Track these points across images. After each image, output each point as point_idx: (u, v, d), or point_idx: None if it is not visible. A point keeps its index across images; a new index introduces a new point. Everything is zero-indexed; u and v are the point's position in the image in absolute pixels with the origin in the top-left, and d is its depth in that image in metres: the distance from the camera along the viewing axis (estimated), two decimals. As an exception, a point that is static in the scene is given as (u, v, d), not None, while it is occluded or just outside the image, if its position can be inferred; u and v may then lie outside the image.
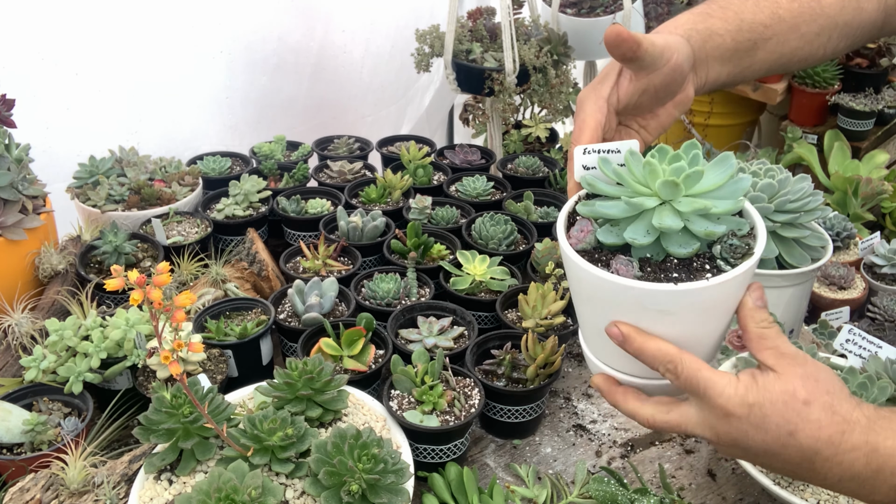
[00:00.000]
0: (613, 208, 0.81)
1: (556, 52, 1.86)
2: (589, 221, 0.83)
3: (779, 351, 0.76)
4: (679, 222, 0.78)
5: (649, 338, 0.77)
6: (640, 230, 0.79)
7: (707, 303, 0.78)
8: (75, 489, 1.01)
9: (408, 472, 0.98)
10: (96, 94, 1.94)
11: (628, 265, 0.78)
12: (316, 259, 1.52)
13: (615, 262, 0.79)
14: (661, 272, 0.78)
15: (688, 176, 0.78)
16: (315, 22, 2.28)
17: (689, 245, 0.78)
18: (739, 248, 0.79)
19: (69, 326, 1.22)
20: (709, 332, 0.83)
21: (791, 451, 0.74)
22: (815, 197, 1.27)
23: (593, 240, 0.82)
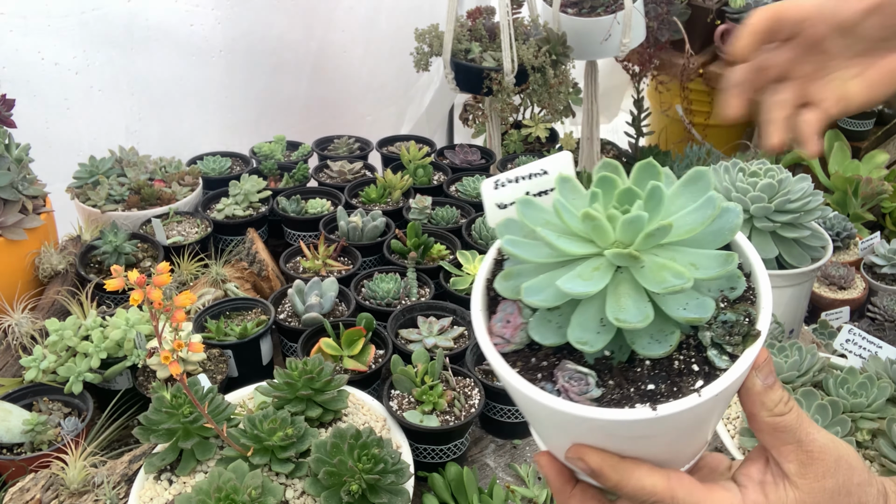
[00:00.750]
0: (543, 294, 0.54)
1: (554, 51, 1.86)
2: (516, 306, 0.58)
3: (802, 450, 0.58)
4: (647, 310, 0.53)
5: (629, 471, 0.56)
6: (590, 325, 0.54)
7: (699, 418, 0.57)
8: (75, 489, 1.01)
9: (408, 472, 0.98)
10: (96, 93, 1.94)
11: (580, 381, 0.54)
12: (316, 259, 1.52)
13: (561, 374, 0.54)
14: (629, 384, 0.54)
15: (650, 235, 0.53)
16: (314, 21, 2.28)
17: (664, 339, 0.54)
18: (737, 325, 0.54)
19: (69, 326, 1.21)
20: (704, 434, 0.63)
21: None
22: (815, 197, 1.27)
23: (526, 337, 0.57)
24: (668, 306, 0.53)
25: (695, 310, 0.53)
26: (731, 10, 2.41)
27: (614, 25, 1.86)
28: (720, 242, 0.56)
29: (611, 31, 1.87)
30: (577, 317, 0.54)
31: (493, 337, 0.57)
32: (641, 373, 0.54)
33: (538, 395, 0.53)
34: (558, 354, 0.56)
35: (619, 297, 0.53)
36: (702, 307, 0.53)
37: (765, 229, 1.26)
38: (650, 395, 0.52)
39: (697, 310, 0.53)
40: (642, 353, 0.54)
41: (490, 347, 0.56)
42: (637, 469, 0.56)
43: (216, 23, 2.08)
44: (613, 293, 0.54)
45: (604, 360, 0.55)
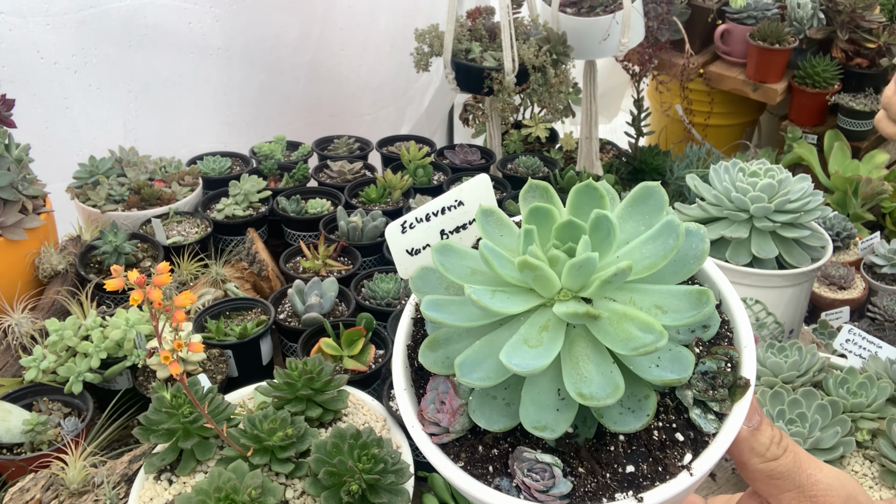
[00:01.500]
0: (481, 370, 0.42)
1: (555, 51, 1.86)
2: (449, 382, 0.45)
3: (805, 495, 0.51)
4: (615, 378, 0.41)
5: None
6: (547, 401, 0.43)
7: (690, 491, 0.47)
8: (75, 489, 1.01)
9: (408, 472, 0.98)
10: (95, 91, 1.94)
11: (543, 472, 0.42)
12: (316, 259, 1.52)
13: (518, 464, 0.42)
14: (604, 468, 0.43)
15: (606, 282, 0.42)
16: (313, 20, 2.28)
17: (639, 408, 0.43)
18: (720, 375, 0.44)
19: (69, 326, 1.21)
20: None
21: None
22: (815, 197, 1.27)
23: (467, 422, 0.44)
24: (637, 367, 0.43)
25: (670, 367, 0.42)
26: (731, 10, 2.42)
27: (613, 25, 1.86)
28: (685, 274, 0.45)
29: (609, 31, 1.87)
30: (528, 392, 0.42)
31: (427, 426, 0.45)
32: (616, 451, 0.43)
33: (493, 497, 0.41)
34: (510, 438, 0.44)
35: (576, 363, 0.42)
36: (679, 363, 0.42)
37: (765, 229, 1.26)
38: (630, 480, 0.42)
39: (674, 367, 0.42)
40: (614, 429, 0.42)
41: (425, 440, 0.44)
42: None
43: (214, 21, 2.08)
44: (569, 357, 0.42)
45: (567, 440, 0.43)
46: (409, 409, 0.46)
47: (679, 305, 0.43)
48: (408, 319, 0.49)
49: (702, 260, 0.45)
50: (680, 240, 0.43)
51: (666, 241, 0.43)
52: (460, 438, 0.44)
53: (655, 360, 0.43)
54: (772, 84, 2.42)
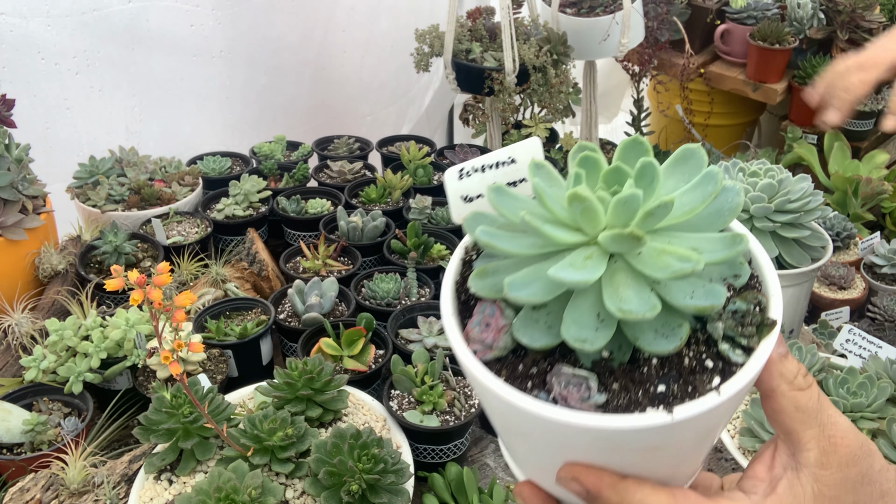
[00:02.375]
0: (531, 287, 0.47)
1: (555, 51, 1.86)
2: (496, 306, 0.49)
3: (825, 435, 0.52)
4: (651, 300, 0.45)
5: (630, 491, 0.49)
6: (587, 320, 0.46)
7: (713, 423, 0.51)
8: (75, 489, 1.01)
9: (408, 472, 0.98)
10: (96, 93, 1.94)
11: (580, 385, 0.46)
12: (316, 259, 1.52)
13: (556, 378, 0.46)
14: (637, 386, 0.46)
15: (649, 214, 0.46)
16: (314, 22, 2.28)
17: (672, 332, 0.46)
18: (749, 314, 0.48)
19: (69, 326, 1.21)
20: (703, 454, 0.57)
21: None
22: (815, 197, 1.27)
23: (510, 341, 0.48)
24: (673, 295, 0.46)
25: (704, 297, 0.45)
26: (732, 10, 2.42)
27: (613, 25, 1.86)
28: (719, 225, 0.49)
29: (609, 32, 1.87)
30: (570, 312, 0.46)
31: (472, 343, 0.48)
32: (648, 373, 0.46)
33: (532, 405, 0.44)
34: (549, 359, 0.48)
35: (616, 288, 0.46)
36: (712, 294, 0.45)
37: (765, 229, 1.26)
38: (662, 397, 0.45)
39: (707, 297, 0.45)
40: (648, 350, 0.46)
41: (468, 355, 0.47)
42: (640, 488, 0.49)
43: (216, 23, 2.08)
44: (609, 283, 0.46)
45: (602, 363, 0.47)
46: (455, 331, 0.49)
47: (714, 247, 0.47)
48: (457, 260, 0.53)
49: (736, 212, 0.49)
50: (718, 185, 0.48)
51: (705, 187, 0.48)
52: (501, 358, 0.48)
53: (690, 291, 0.46)
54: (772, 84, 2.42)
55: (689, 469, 0.55)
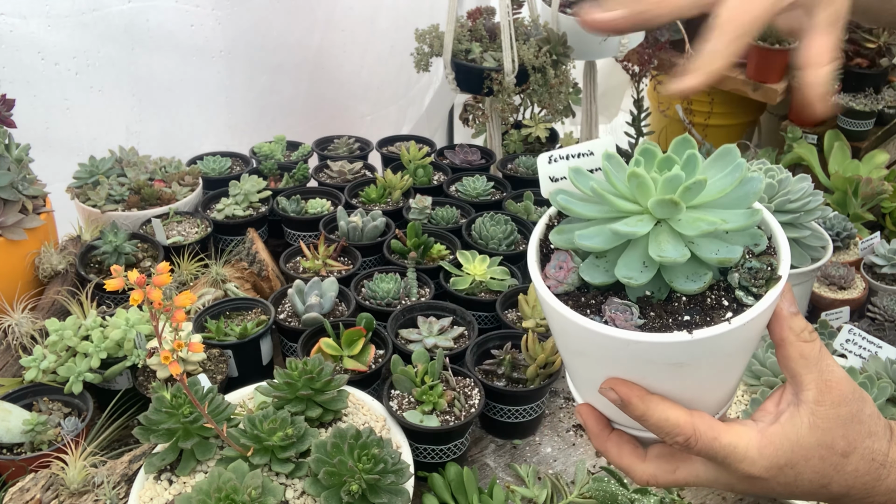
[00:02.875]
0: (596, 238, 0.63)
1: (555, 52, 1.86)
2: (567, 254, 0.67)
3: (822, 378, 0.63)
4: (683, 251, 0.61)
5: (654, 403, 0.63)
6: (635, 265, 0.63)
7: (729, 348, 0.64)
8: (75, 489, 1.01)
9: (408, 472, 0.98)
10: (96, 94, 1.94)
11: (626, 311, 0.62)
12: (316, 259, 1.52)
13: (608, 307, 0.63)
14: (668, 315, 0.62)
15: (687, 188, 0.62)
16: (314, 21, 2.28)
17: (699, 278, 0.63)
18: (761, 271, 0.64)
19: (69, 326, 1.21)
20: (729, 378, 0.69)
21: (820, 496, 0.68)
22: (815, 197, 1.27)
23: (576, 279, 0.65)
24: (701, 250, 0.62)
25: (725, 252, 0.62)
26: (731, 10, 2.41)
27: (614, 25, 1.86)
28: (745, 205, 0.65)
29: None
30: (623, 259, 0.63)
31: (547, 280, 0.66)
32: (678, 307, 0.62)
33: (588, 323, 0.61)
34: (605, 294, 0.64)
35: (659, 242, 0.62)
36: (731, 251, 0.62)
37: (765, 229, 1.26)
38: (686, 323, 0.61)
39: (727, 252, 0.62)
40: (679, 290, 0.62)
41: (545, 288, 0.65)
42: (662, 402, 0.63)
43: (216, 23, 2.08)
44: (654, 239, 0.63)
45: (645, 299, 0.63)
46: (536, 272, 0.66)
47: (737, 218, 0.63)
48: (542, 225, 0.71)
49: (758, 195, 0.65)
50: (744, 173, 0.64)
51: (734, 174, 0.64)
52: (569, 292, 0.65)
53: (715, 249, 0.62)
54: (772, 84, 2.42)
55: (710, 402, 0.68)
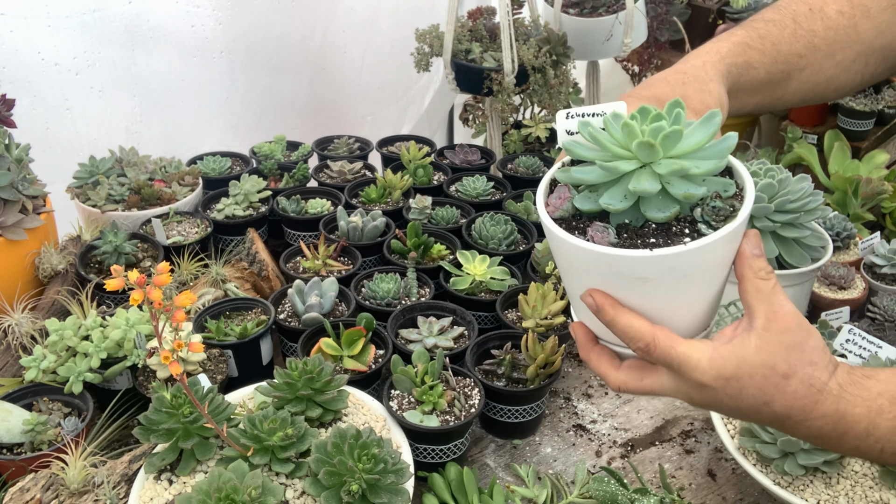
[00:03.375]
0: (590, 173, 0.78)
1: (555, 52, 1.86)
2: (567, 188, 0.81)
3: (771, 309, 0.74)
4: (656, 185, 0.74)
5: (622, 311, 0.76)
6: (617, 195, 0.76)
7: (686, 268, 0.75)
8: (75, 489, 1.01)
9: (408, 472, 0.98)
10: (97, 94, 1.94)
11: (604, 232, 0.76)
12: (316, 259, 1.52)
13: (591, 229, 0.76)
14: (638, 238, 0.75)
15: (666, 136, 0.74)
16: (315, 22, 2.28)
17: (667, 209, 0.75)
18: (723, 210, 0.75)
19: (69, 326, 1.21)
20: (692, 301, 0.79)
21: (764, 415, 0.76)
22: (815, 197, 1.27)
23: (570, 207, 0.80)
24: (672, 188, 0.75)
25: (690, 189, 0.75)
26: (732, 9, 2.42)
27: (616, 25, 1.86)
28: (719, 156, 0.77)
29: (612, 32, 1.87)
30: (608, 191, 0.77)
31: (548, 207, 0.80)
32: (648, 232, 0.76)
33: (572, 239, 0.75)
34: (592, 220, 0.78)
35: (639, 179, 0.75)
36: (695, 189, 0.75)
37: (765, 229, 1.26)
38: (651, 244, 0.74)
39: (692, 190, 0.75)
40: (650, 218, 0.75)
41: (544, 213, 0.80)
42: (629, 312, 0.76)
43: (217, 23, 2.08)
44: (636, 177, 0.75)
45: (623, 226, 0.77)
46: (541, 200, 0.81)
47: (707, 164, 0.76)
48: (554, 168, 0.85)
49: (730, 150, 0.77)
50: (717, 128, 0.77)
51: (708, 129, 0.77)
52: (564, 217, 0.79)
53: (684, 187, 0.74)
54: (772, 84, 2.41)
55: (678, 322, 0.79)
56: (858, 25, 1.03)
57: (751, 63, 0.98)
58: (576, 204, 0.79)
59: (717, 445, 1.26)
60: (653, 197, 0.76)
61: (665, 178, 0.75)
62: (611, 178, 0.77)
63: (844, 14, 1.03)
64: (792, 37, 1.00)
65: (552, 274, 1.44)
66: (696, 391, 0.76)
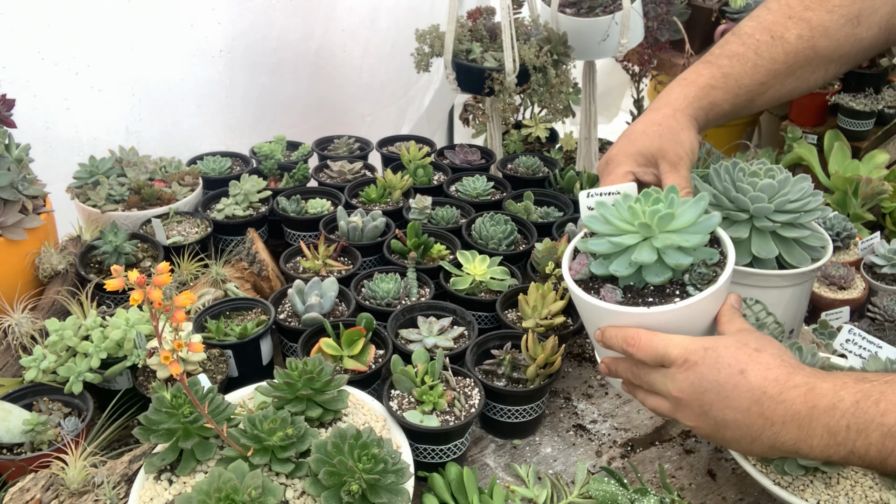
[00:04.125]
0: (601, 246, 0.99)
1: (556, 51, 1.86)
2: (586, 256, 1.03)
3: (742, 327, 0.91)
4: (653, 256, 0.95)
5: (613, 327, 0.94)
6: (623, 264, 0.97)
7: (676, 322, 0.94)
8: (75, 489, 1.01)
9: (408, 472, 0.98)
10: (96, 94, 1.94)
11: (613, 292, 0.98)
12: (316, 259, 1.52)
13: (603, 290, 0.99)
14: (640, 297, 0.97)
15: (662, 217, 0.96)
16: (315, 21, 2.28)
17: (662, 274, 0.97)
18: (707, 275, 0.96)
19: (69, 326, 1.21)
20: None
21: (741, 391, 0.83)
22: (815, 197, 1.27)
23: (588, 272, 1.02)
24: (666, 257, 0.96)
25: (680, 259, 0.95)
26: (732, 10, 2.41)
27: (612, 26, 1.86)
28: (705, 232, 0.98)
29: (609, 32, 1.87)
30: (616, 260, 0.99)
31: (570, 271, 1.03)
32: (647, 293, 0.98)
33: (588, 298, 0.98)
34: (604, 282, 1.00)
35: (640, 252, 0.96)
36: (684, 259, 0.96)
37: (765, 229, 1.26)
38: (649, 303, 0.96)
39: (681, 260, 0.95)
40: (649, 282, 0.97)
41: (568, 276, 1.03)
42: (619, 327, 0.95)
43: (216, 23, 2.08)
44: (638, 250, 0.97)
45: (628, 287, 0.99)
46: (566, 266, 1.04)
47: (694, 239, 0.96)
48: (577, 237, 1.08)
49: (714, 226, 0.99)
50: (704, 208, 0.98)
51: (696, 210, 0.98)
52: (583, 280, 1.02)
53: (675, 258, 0.95)
54: (772, 84, 2.41)
55: None
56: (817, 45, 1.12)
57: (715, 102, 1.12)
58: (592, 269, 1.01)
59: (717, 445, 1.26)
60: (651, 265, 0.96)
61: (661, 250, 0.96)
62: (617, 250, 0.98)
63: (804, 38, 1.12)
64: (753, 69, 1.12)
65: (552, 274, 1.44)
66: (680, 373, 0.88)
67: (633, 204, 0.97)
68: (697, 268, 0.96)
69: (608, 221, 0.99)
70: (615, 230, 0.99)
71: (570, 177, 1.83)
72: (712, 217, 0.98)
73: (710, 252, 0.97)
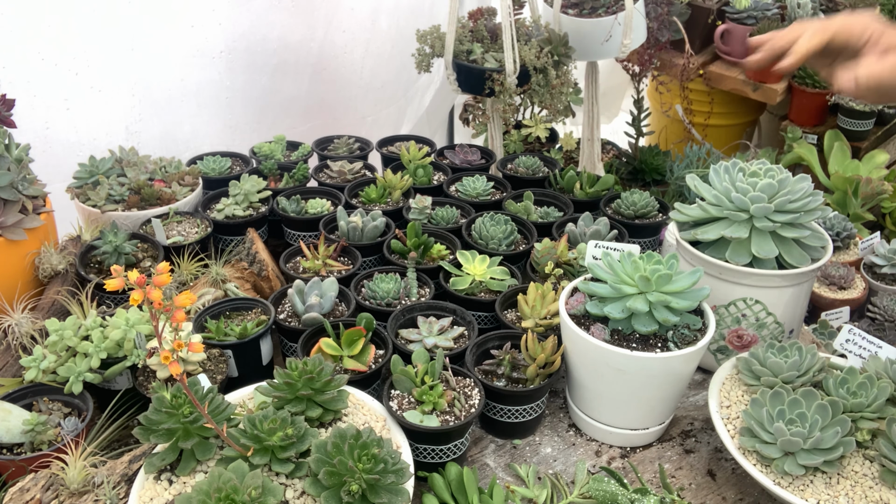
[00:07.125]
0: (602, 289, 1.17)
1: (556, 52, 1.86)
2: (584, 295, 1.21)
3: None
4: (646, 307, 1.12)
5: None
6: (617, 308, 1.14)
7: (652, 371, 1.12)
8: (75, 489, 1.01)
9: (408, 472, 0.98)
10: (96, 94, 1.94)
11: (602, 331, 1.15)
12: (316, 259, 1.52)
13: (594, 327, 1.16)
14: (625, 341, 1.14)
15: (660, 276, 1.13)
16: (315, 22, 2.28)
17: (650, 325, 1.13)
18: (687, 336, 1.15)
19: (69, 326, 1.21)
20: (653, 396, 1.17)
21: None
22: (815, 197, 1.27)
23: (583, 309, 1.19)
24: (656, 312, 1.13)
25: (667, 316, 1.13)
26: (732, 10, 2.41)
27: (615, 26, 1.86)
28: (695, 299, 1.16)
29: (611, 32, 1.87)
30: (612, 304, 1.15)
31: (567, 307, 1.20)
32: (632, 339, 1.15)
33: (578, 331, 1.14)
34: (595, 321, 1.17)
35: (635, 301, 1.12)
36: (672, 317, 1.14)
37: (765, 229, 1.26)
38: (632, 348, 1.13)
39: (668, 317, 1.13)
40: (637, 329, 1.14)
41: (563, 309, 1.19)
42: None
43: (217, 24, 2.08)
44: (633, 299, 1.13)
45: (617, 331, 1.16)
46: (562, 301, 1.21)
47: (683, 303, 1.13)
48: (577, 280, 1.25)
49: (703, 298, 1.18)
50: (698, 279, 1.16)
51: (690, 280, 1.15)
52: (577, 315, 1.18)
53: (664, 314, 1.12)
54: (772, 84, 2.42)
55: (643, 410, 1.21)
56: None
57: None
58: (587, 307, 1.18)
59: (717, 445, 1.26)
60: (642, 315, 1.13)
61: (653, 304, 1.13)
62: (616, 296, 1.15)
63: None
64: None
65: (551, 274, 1.44)
66: None
67: (637, 259, 1.15)
68: (681, 329, 1.14)
69: (613, 270, 1.17)
70: (616, 279, 1.15)
71: (570, 177, 1.83)
72: (703, 289, 1.16)
73: (694, 319, 1.15)
